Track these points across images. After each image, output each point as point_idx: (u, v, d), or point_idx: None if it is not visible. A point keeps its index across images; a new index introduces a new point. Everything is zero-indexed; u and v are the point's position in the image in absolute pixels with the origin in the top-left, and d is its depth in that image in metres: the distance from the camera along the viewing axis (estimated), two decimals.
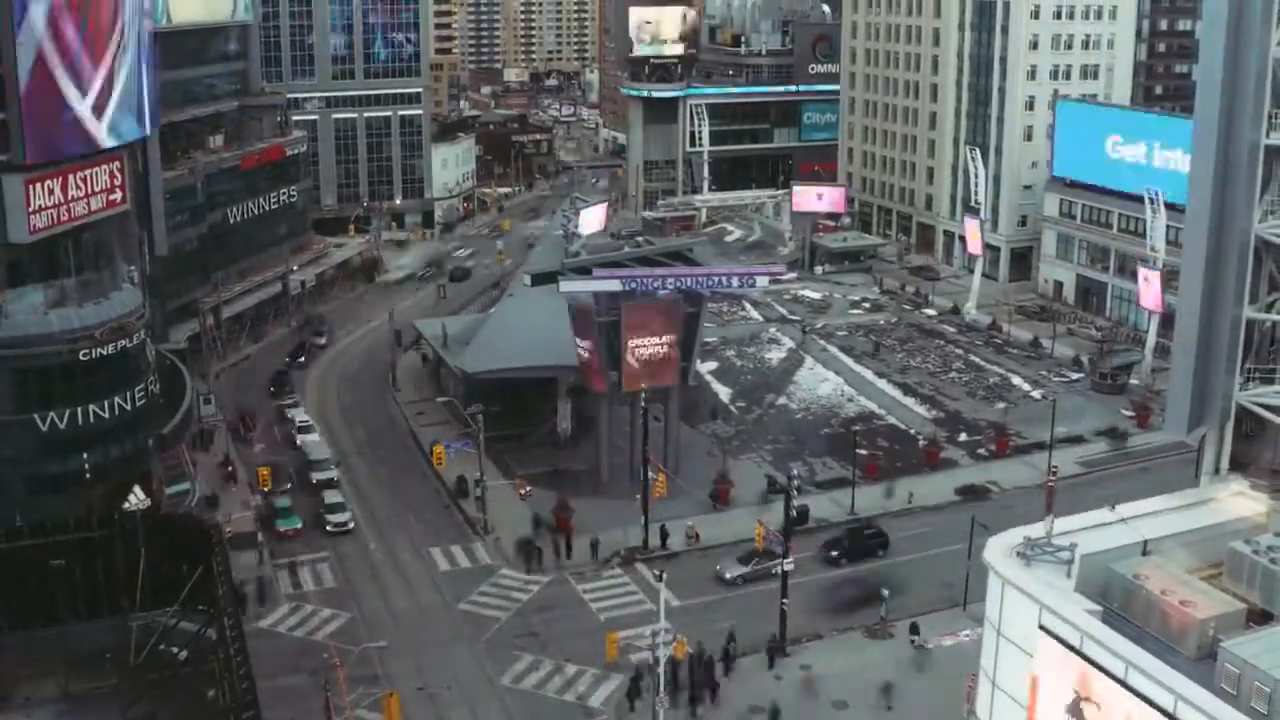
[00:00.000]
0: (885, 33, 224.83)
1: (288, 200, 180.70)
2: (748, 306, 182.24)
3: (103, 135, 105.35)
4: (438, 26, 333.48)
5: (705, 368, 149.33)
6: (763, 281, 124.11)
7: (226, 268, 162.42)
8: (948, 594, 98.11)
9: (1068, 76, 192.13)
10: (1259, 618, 50.73)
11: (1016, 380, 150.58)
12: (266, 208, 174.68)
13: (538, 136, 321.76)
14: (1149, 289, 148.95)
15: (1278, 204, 58.34)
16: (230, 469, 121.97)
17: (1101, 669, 48.91)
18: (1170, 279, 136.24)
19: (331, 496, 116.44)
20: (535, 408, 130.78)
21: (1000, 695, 55.69)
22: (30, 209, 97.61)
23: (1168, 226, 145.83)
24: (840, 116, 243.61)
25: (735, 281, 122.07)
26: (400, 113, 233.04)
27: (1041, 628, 51.91)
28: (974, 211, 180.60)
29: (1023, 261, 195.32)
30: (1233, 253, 57.77)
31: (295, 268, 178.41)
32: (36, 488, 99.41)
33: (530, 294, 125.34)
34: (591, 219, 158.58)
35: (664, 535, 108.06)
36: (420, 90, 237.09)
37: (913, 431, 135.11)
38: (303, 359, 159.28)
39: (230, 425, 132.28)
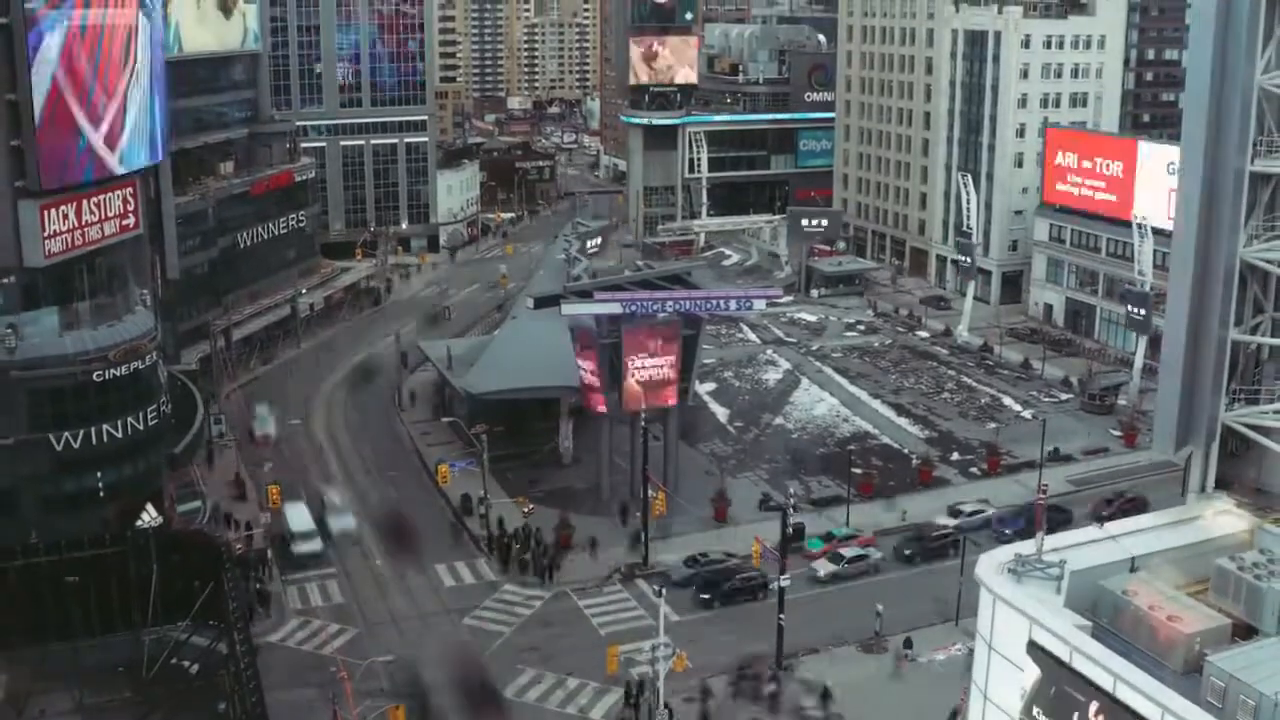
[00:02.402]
0: (879, 62, 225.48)
1: (296, 225, 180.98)
2: (745, 329, 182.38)
3: (115, 163, 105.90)
4: (443, 56, 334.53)
5: (704, 388, 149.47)
6: (760, 304, 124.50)
7: (236, 291, 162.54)
8: (940, 609, 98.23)
9: (1057, 104, 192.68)
10: (1244, 632, 50.81)
11: (1007, 401, 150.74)
12: (276, 232, 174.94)
13: (540, 163, 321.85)
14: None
15: (1262, 229, 58.49)
16: (241, 487, 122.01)
17: (1090, 683, 48.98)
18: (1157, 302, 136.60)
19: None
20: (538, 427, 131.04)
21: (992, 708, 55.70)
22: (45, 234, 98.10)
23: (1155, 251, 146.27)
24: (835, 143, 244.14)
25: (733, 304, 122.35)
26: (406, 140, 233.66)
27: (1031, 642, 51.98)
28: (966, 236, 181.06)
29: (1013, 285, 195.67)
30: (1218, 276, 57.82)
31: (304, 291, 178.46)
32: (51, 506, 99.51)
33: (533, 316, 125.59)
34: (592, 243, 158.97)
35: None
36: (426, 118, 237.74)
37: (906, 451, 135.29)
38: None
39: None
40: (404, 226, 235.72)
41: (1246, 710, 45.62)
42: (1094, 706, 48.79)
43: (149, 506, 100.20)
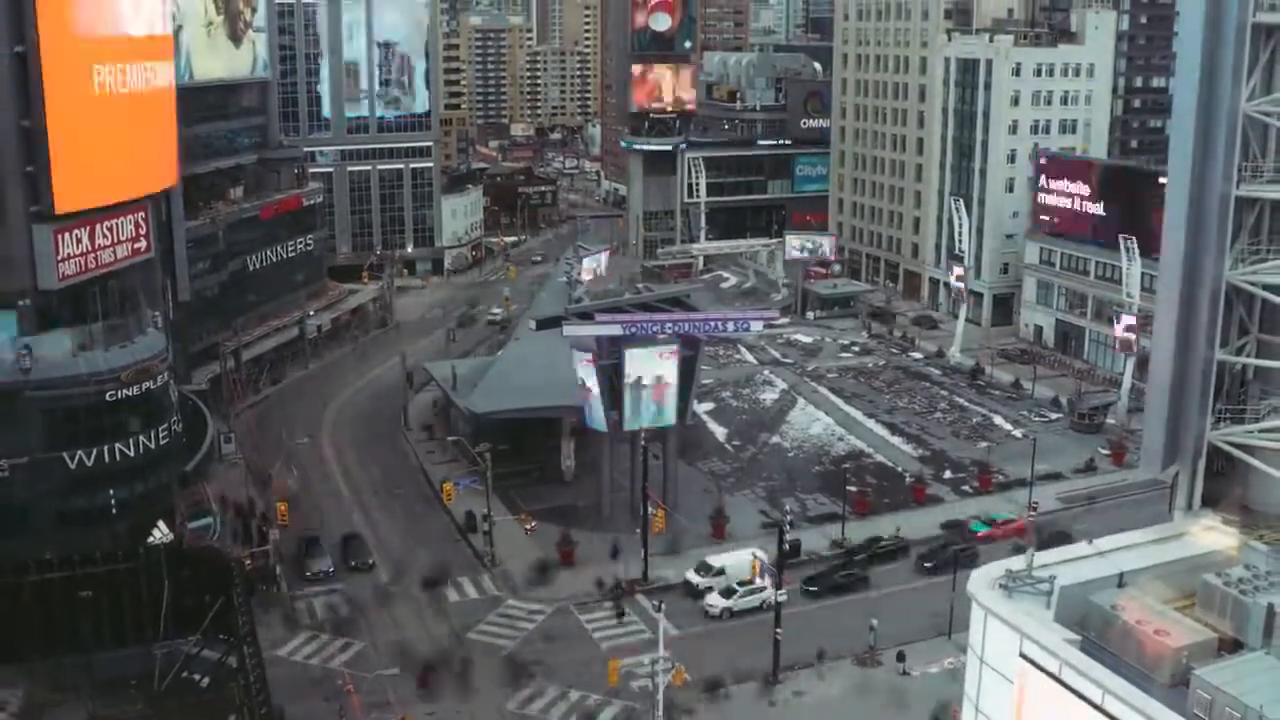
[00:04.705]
0: (873, 89, 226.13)
1: (304, 248, 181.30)
2: (742, 350, 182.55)
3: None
4: (447, 84, 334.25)
5: (702, 408, 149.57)
6: (757, 326, 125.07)
7: (246, 313, 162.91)
8: (934, 623, 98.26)
9: (1047, 130, 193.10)
10: (1230, 646, 50.78)
11: (998, 420, 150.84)
12: (284, 255, 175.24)
13: (542, 188, 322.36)
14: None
15: (1248, 252, 58.64)
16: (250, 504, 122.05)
17: (1079, 695, 49.02)
18: (1145, 324, 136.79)
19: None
20: (540, 446, 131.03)
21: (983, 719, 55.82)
22: (59, 257, 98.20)
23: (1142, 274, 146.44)
24: (831, 169, 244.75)
25: (730, 326, 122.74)
26: (412, 165, 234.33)
27: (1022, 656, 52.00)
28: (958, 259, 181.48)
29: (1005, 307, 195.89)
30: (1205, 299, 57.95)
31: (312, 312, 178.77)
32: (65, 522, 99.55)
33: (535, 337, 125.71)
34: (593, 266, 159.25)
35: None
36: (431, 144, 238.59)
37: (900, 469, 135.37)
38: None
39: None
40: (409, 250, 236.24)
41: None
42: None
43: (160, 523, 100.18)
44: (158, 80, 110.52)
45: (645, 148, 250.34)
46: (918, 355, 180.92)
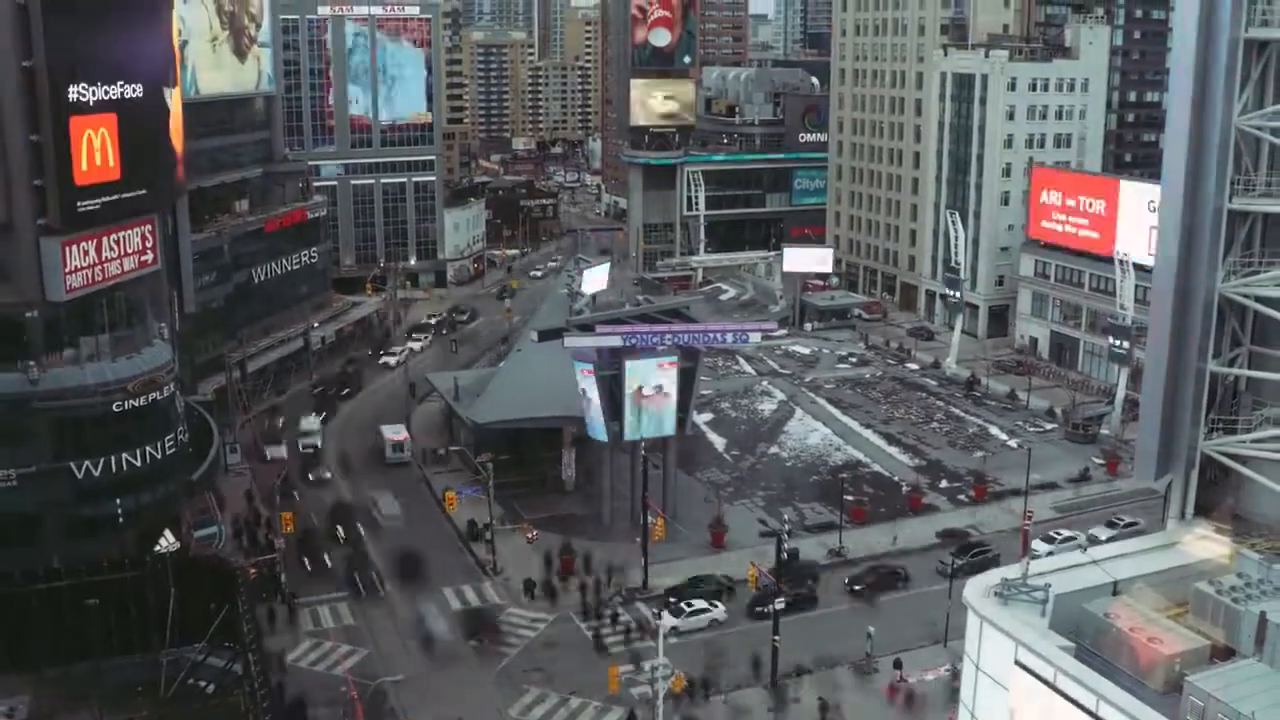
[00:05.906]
0: (870, 104, 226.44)
1: (309, 261, 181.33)
2: (741, 361, 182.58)
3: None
4: (450, 98, 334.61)
5: (702, 419, 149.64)
6: (755, 337, 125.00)
7: (251, 324, 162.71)
8: (930, 631, 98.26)
9: (1042, 144, 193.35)
10: (1222, 654, 50.87)
11: (994, 430, 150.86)
12: (289, 268, 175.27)
13: (544, 201, 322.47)
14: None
15: (1240, 265, 58.67)
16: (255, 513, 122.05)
17: (1074, 702, 49.08)
18: (1139, 335, 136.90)
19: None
20: (541, 456, 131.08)
21: None
22: (67, 269, 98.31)
23: (1136, 286, 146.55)
24: (828, 182, 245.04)
25: (729, 337, 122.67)
26: (415, 179, 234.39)
27: (1017, 663, 52.04)
28: (954, 271, 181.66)
29: (1000, 319, 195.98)
30: (1198, 311, 57.98)
31: (316, 324, 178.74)
32: (73, 531, 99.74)
33: (536, 349, 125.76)
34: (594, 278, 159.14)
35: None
36: (433, 158, 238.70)
37: (896, 479, 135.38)
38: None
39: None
40: (412, 262, 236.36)
41: None
42: None
43: (167, 532, 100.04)
44: None
45: (645, 161, 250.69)
46: (914, 366, 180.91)
